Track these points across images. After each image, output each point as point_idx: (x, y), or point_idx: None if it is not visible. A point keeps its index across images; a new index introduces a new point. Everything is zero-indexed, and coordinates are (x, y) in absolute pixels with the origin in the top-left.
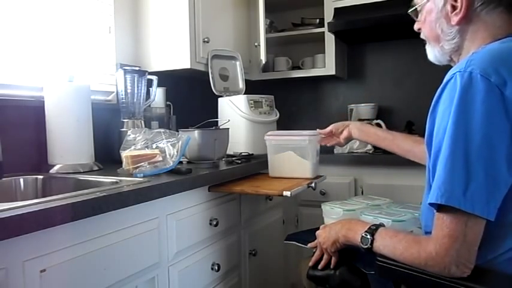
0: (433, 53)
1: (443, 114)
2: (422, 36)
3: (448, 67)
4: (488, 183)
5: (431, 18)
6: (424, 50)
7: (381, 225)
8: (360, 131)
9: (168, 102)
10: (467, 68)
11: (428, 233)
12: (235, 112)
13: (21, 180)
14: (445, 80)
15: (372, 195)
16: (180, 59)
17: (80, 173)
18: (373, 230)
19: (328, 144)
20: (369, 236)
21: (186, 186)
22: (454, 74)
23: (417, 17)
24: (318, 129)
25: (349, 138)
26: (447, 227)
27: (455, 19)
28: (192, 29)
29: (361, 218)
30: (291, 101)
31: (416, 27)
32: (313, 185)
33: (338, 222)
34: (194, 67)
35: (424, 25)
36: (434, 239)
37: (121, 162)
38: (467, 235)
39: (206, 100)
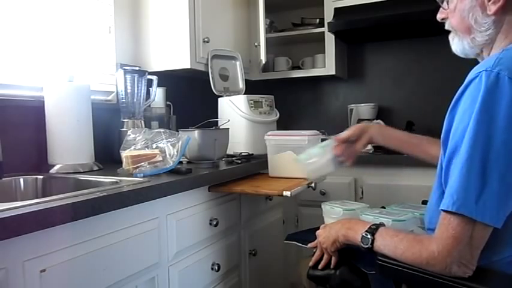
0: (461, 45)
1: (463, 114)
2: (447, 26)
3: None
4: (501, 192)
5: (463, 6)
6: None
7: (381, 224)
8: (381, 136)
9: (168, 102)
10: (494, 67)
11: (431, 229)
12: (235, 112)
13: (21, 180)
14: (468, 78)
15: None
16: (180, 59)
17: (80, 173)
18: (373, 229)
19: (343, 158)
20: (369, 236)
21: (186, 186)
22: (479, 72)
23: (443, 4)
24: (333, 137)
25: (368, 144)
26: (453, 229)
27: (492, 8)
28: (192, 29)
29: (361, 218)
30: (291, 101)
31: (440, 16)
32: (313, 185)
33: (338, 221)
34: (194, 67)
35: (453, 14)
36: (437, 238)
37: (121, 162)
38: (472, 239)
39: (206, 100)
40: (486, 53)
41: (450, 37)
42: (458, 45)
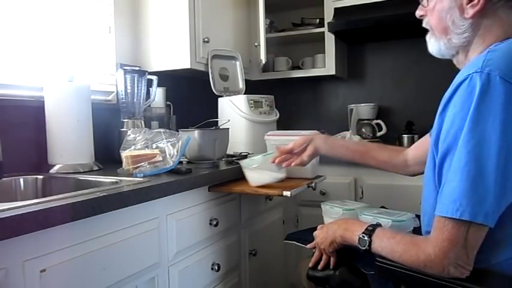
0: (437, 46)
1: (454, 117)
2: (424, 24)
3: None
4: (497, 193)
5: (442, 6)
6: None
7: (378, 225)
8: (327, 145)
9: (168, 102)
10: (484, 68)
11: (428, 232)
12: (235, 112)
13: (21, 180)
14: (457, 81)
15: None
16: (180, 59)
17: (80, 173)
18: (370, 231)
19: (286, 166)
20: (366, 238)
21: (186, 186)
22: (468, 75)
23: (422, 1)
24: (276, 147)
25: (314, 155)
26: (448, 231)
27: (470, 12)
28: (192, 29)
29: (360, 218)
30: (291, 101)
31: (418, 13)
32: (313, 185)
33: (335, 222)
34: (194, 67)
35: (431, 13)
36: (433, 241)
37: (121, 162)
38: (467, 240)
39: (206, 100)
40: (463, 55)
41: (427, 37)
42: (434, 45)
